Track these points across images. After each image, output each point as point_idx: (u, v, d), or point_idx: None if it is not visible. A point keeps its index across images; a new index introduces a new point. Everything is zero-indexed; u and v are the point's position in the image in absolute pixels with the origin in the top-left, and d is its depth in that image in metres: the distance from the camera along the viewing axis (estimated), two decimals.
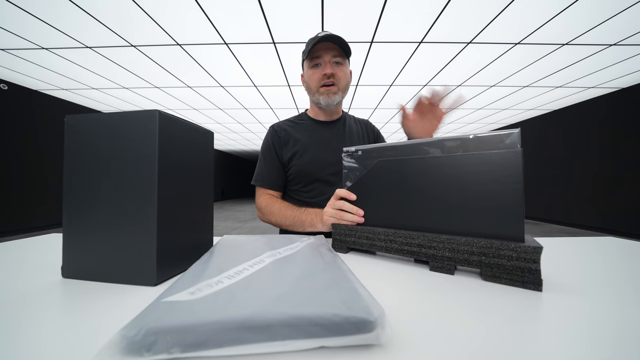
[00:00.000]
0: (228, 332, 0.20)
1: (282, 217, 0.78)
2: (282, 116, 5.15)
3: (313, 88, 0.82)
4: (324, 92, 0.80)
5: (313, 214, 0.70)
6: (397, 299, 0.32)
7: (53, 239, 0.65)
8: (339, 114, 0.93)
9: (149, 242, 0.36)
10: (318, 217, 0.68)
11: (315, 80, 0.81)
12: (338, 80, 0.80)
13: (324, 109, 0.86)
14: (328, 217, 0.60)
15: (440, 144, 0.47)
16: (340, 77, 0.80)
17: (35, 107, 3.95)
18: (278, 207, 0.80)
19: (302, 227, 0.72)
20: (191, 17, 2.15)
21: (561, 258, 0.50)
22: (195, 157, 0.46)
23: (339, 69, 0.80)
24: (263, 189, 0.87)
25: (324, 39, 0.76)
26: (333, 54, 0.79)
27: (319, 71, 0.80)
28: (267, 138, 0.89)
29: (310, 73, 0.82)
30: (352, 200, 0.55)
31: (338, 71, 0.80)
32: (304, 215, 0.72)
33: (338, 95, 0.81)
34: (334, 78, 0.79)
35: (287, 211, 0.77)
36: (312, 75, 0.81)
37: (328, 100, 0.81)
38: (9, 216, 3.65)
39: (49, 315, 0.29)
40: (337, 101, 0.82)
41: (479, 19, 2.17)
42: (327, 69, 0.78)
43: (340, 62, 0.81)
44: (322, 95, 0.81)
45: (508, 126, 5.98)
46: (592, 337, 0.24)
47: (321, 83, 0.80)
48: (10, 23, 2.22)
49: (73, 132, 0.39)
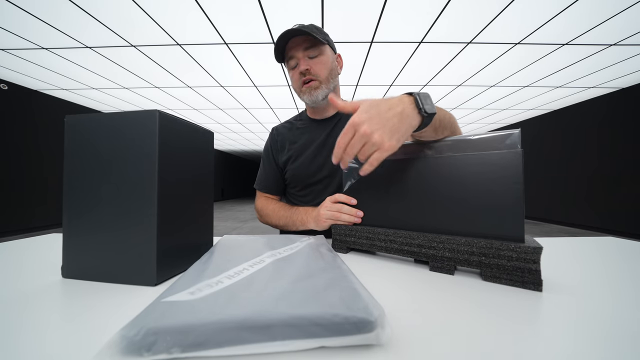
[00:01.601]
0: (228, 332, 0.20)
1: (276, 218, 0.79)
2: (282, 116, 5.15)
3: (297, 89, 0.79)
4: (305, 90, 0.76)
5: (303, 212, 0.70)
6: (397, 299, 0.32)
7: (53, 239, 0.65)
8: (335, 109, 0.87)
9: (149, 242, 0.36)
10: (308, 215, 0.68)
11: (296, 81, 0.77)
12: (317, 74, 0.74)
13: (314, 107, 0.83)
14: (325, 219, 0.60)
15: (441, 144, 0.47)
16: (319, 70, 0.74)
17: (35, 107, 3.95)
18: (272, 209, 0.81)
19: (295, 226, 0.72)
20: (191, 17, 2.15)
21: (561, 258, 0.50)
22: (195, 157, 0.46)
23: (315, 62, 0.74)
24: (261, 193, 0.89)
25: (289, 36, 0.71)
26: (304, 47, 0.73)
27: (296, 71, 0.75)
28: (267, 142, 0.91)
29: (291, 75, 0.79)
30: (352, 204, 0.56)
31: (314, 65, 0.74)
32: (295, 214, 0.72)
33: (321, 90, 0.75)
34: (311, 74, 0.74)
35: (280, 212, 0.78)
36: (292, 77, 0.78)
37: (311, 97, 0.76)
38: (9, 216, 3.65)
39: (49, 315, 0.29)
40: (322, 96, 0.76)
41: (479, 19, 2.17)
42: (301, 66, 0.73)
43: (315, 54, 0.74)
44: (304, 94, 0.77)
45: (508, 126, 5.98)
46: (592, 337, 0.24)
47: (300, 82, 0.76)
48: (10, 23, 2.22)
49: (73, 132, 0.39)
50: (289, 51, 0.75)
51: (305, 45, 0.73)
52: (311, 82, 0.74)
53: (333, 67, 0.77)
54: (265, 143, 0.91)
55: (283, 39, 0.71)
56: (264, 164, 0.90)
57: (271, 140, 0.90)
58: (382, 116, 0.40)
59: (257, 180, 0.90)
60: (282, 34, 0.70)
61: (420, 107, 0.42)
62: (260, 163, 0.91)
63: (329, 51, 0.77)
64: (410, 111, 0.41)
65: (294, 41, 0.73)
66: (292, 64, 0.76)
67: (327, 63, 0.75)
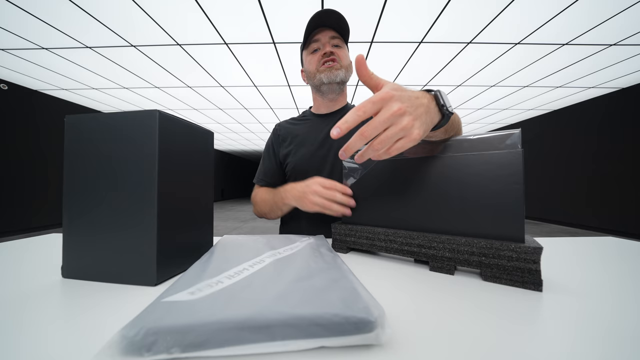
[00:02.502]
0: (228, 332, 0.20)
1: (263, 204, 0.78)
2: (282, 116, 5.15)
3: (313, 70, 0.77)
4: (325, 69, 0.75)
5: (282, 190, 0.69)
6: (397, 299, 0.32)
7: (53, 239, 0.65)
8: (342, 103, 0.87)
9: (149, 242, 0.36)
10: (287, 193, 0.66)
11: (315, 62, 0.77)
12: (340, 59, 0.76)
13: (325, 93, 0.80)
14: (312, 204, 0.57)
15: (441, 144, 0.47)
16: (342, 57, 0.76)
17: (36, 107, 3.95)
18: (260, 196, 0.81)
19: (278, 208, 0.72)
20: (191, 18, 2.15)
21: (561, 258, 0.50)
22: (195, 157, 0.46)
23: (338, 49, 0.77)
24: (259, 187, 0.89)
25: (321, 24, 0.74)
26: (331, 36, 0.76)
27: (317, 54, 0.77)
28: (269, 137, 0.92)
29: (309, 59, 0.79)
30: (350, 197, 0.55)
31: (338, 51, 0.76)
32: (276, 195, 0.72)
33: (341, 72, 0.75)
34: (334, 56, 0.75)
35: (265, 196, 0.78)
36: (311, 60, 0.78)
37: (330, 76, 0.74)
38: (9, 216, 3.65)
39: (49, 315, 0.28)
40: (340, 77, 0.75)
41: (479, 19, 2.17)
42: (327, 48, 0.75)
43: (340, 45, 0.77)
44: (323, 73, 0.75)
45: (508, 126, 5.98)
46: (592, 337, 0.24)
47: (321, 61, 0.75)
48: (10, 23, 2.22)
49: (73, 132, 0.39)
50: (315, 35, 0.76)
51: (332, 34, 0.76)
52: (334, 63, 0.75)
53: (350, 63, 0.81)
54: (267, 140, 0.92)
55: (319, 25, 0.74)
56: (264, 158, 0.91)
57: (273, 135, 0.90)
58: (413, 102, 0.34)
59: (256, 175, 0.91)
60: (320, 19, 0.73)
61: (442, 104, 0.38)
62: (261, 159, 0.92)
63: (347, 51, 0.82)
64: (434, 107, 0.38)
65: (323, 30, 0.75)
66: (314, 47, 0.78)
67: (348, 56, 0.80)
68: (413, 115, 0.33)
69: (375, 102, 0.32)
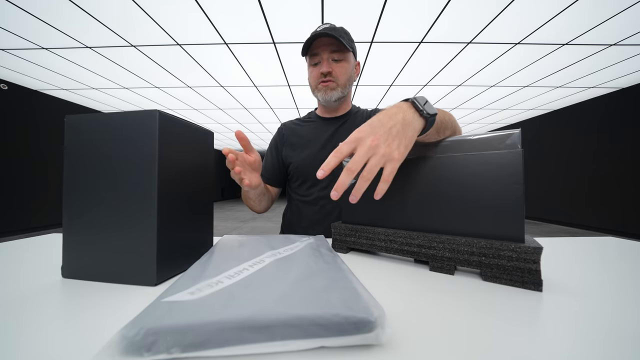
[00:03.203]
0: (228, 332, 0.20)
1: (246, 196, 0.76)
2: (282, 116, 5.15)
3: (312, 85, 0.83)
4: (322, 88, 0.80)
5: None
6: (397, 299, 0.32)
7: (53, 239, 0.65)
8: (346, 109, 0.91)
9: (149, 242, 0.36)
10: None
11: (314, 78, 0.81)
12: (336, 78, 0.79)
13: (325, 106, 0.87)
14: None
15: (441, 144, 0.47)
16: (339, 74, 0.79)
17: (36, 107, 3.95)
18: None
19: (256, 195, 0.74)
20: (191, 18, 2.15)
21: (561, 258, 0.50)
22: (195, 157, 0.46)
23: (337, 66, 0.78)
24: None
25: (322, 34, 0.75)
26: (331, 50, 0.77)
27: (317, 69, 0.80)
28: (274, 136, 0.95)
29: (310, 71, 0.83)
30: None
31: (336, 68, 0.78)
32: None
33: (337, 92, 0.80)
34: (331, 76, 0.78)
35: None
36: (312, 73, 0.82)
37: (325, 97, 0.81)
38: (9, 216, 3.65)
39: (49, 315, 0.28)
40: (335, 97, 0.81)
41: (479, 19, 2.17)
42: (324, 68, 0.77)
43: (340, 58, 0.78)
44: (319, 91, 0.81)
45: (508, 126, 5.98)
46: (592, 337, 0.24)
47: (319, 80, 0.80)
48: (10, 23, 2.22)
49: (73, 132, 0.39)
50: (315, 48, 0.78)
51: (332, 47, 0.77)
52: (329, 83, 0.79)
53: (351, 75, 0.83)
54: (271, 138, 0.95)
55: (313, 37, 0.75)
56: (266, 156, 0.93)
57: (278, 134, 0.93)
58: (385, 126, 0.37)
59: None
60: (321, 31, 0.74)
61: (420, 110, 0.41)
62: (264, 156, 0.94)
63: (351, 58, 0.82)
64: (411, 116, 0.40)
65: (322, 40, 0.76)
66: (314, 60, 0.80)
67: (348, 69, 0.80)
68: (388, 140, 0.36)
69: (349, 143, 0.36)
